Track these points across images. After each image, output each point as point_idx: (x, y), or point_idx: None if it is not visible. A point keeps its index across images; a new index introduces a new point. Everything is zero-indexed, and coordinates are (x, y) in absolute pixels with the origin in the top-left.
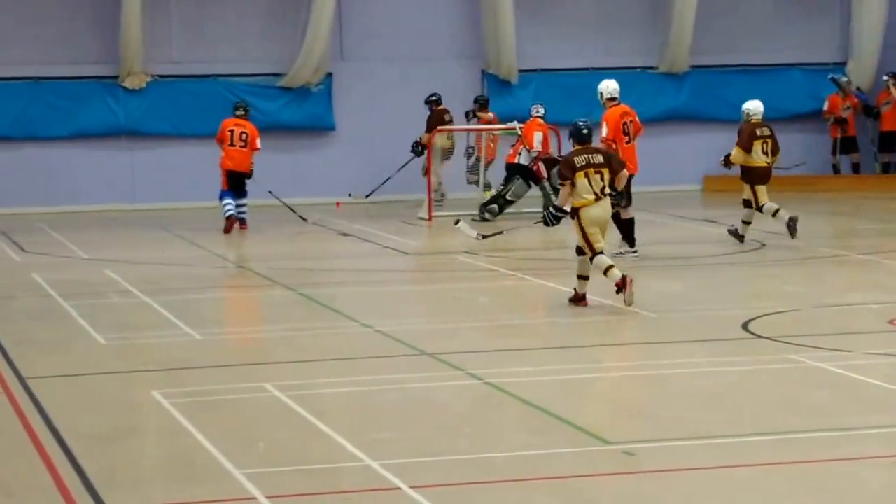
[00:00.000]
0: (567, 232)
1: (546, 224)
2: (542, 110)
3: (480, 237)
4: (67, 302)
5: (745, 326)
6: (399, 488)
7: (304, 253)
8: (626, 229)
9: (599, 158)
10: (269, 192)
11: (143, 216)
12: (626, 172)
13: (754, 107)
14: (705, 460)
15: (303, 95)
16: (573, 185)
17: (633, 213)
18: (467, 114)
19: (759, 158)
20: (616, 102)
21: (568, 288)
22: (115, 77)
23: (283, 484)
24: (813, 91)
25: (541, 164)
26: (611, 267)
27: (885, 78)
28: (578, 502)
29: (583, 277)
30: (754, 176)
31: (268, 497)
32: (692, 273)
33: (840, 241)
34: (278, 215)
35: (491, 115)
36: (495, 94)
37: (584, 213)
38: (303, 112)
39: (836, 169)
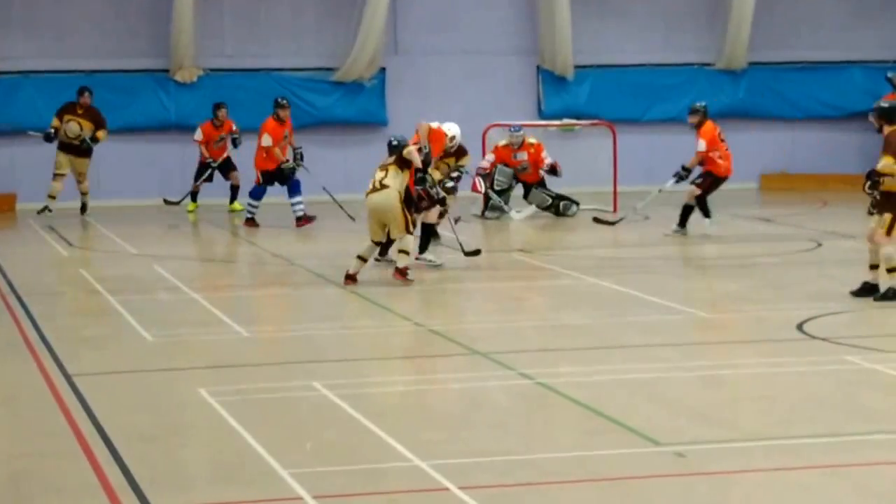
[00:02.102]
0: (622, 231)
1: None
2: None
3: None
4: (115, 298)
5: (800, 327)
6: (447, 489)
7: (356, 250)
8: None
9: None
10: (323, 188)
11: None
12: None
13: None
14: (759, 462)
15: (356, 90)
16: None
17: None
18: None
19: None
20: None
21: (624, 288)
22: (167, 71)
23: (329, 484)
24: (872, 89)
25: (478, 180)
26: None
27: None
28: None
29: None
30: None
31: (314, 497)
32: (748, 273)
33: None
34: (330, 212)
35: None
36: (550, 90)
37: None
38: (355, 107)
39: None
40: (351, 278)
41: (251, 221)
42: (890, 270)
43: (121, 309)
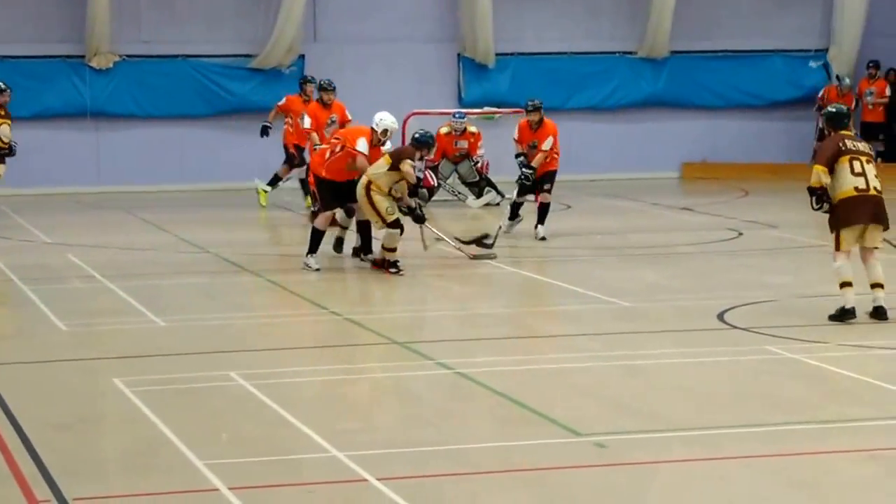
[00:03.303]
0: (548, 222)
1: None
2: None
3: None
4: (28, 287)
5: (720, 317)
6: (365, 480)
7: (274, 239)
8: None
9: None
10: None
11: (109, 199)
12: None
13: None
14: (679, 453)
15: (274, 77)
16: None
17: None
18: None
19: None
20: None
21: (544, 277)
22: (82, 56)
23: (246, 475)
24: (794, 78)
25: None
26: None
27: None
28: (548, 495)
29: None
30: None
31: (230, 489)
32: (669, 262)
33: (819, 232)
34: (244, 200)
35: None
36: (471, 78)
37: None
38: (274, 94)
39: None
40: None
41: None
42: (841, 285)
43: (34, 298)
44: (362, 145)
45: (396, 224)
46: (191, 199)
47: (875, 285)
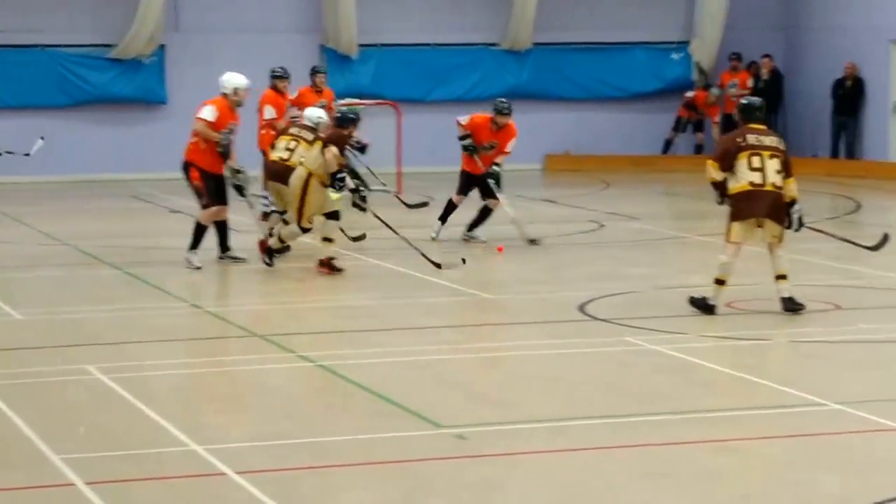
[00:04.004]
0: (406, 214)
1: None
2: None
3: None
4: None
5: (581, 308)
6: (224, 474)
7: (133, 230)
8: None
9: None
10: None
11: None
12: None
13: None
14: (539, 444)
15: (134, 67)
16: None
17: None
18: None
19: None
20: None
21: (408, 270)
22: None
23: (103, 470)
24: (655, 71)
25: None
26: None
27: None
28: (409, 487)
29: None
30: None
31: (87, 483)
32: (531, 254)
33: (680, 223)
34: (103, 191)
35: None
36: (334, 70)
37: None
38: (134, 85)
39: (667, 146)
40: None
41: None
42: (716, 280)
43: None
44: (205, 112)
45: (307, 231)
46: (50, 191)
47: (779, 277)
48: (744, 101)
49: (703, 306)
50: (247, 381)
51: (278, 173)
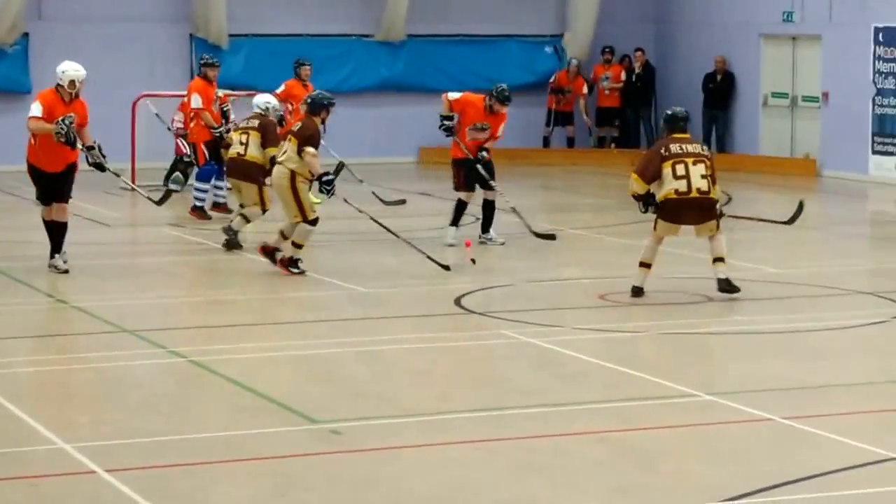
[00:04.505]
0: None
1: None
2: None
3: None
4: None
5: (457, 302)
6: (94, 472)
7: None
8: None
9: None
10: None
11: None
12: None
13: None
14: (415, 438)
15: None
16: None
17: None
18: None
19: None
20: None
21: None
22: None
23: None
24: (528, 63)
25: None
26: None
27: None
28: (282, 483)
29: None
30: None
31: None
32: (406, 248)
33: (554, 216)
34: None
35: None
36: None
37: None
38: None
39: (546, 142)
40: (266, 251)
41: (201, 211)
42: (640, 264)
43: None
44: (32, 109)
45: (315, 222)
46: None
47: (716, 260)
48: (668, 111)
49: (633, 290)
50: (116, 377)
51: (236, 169)
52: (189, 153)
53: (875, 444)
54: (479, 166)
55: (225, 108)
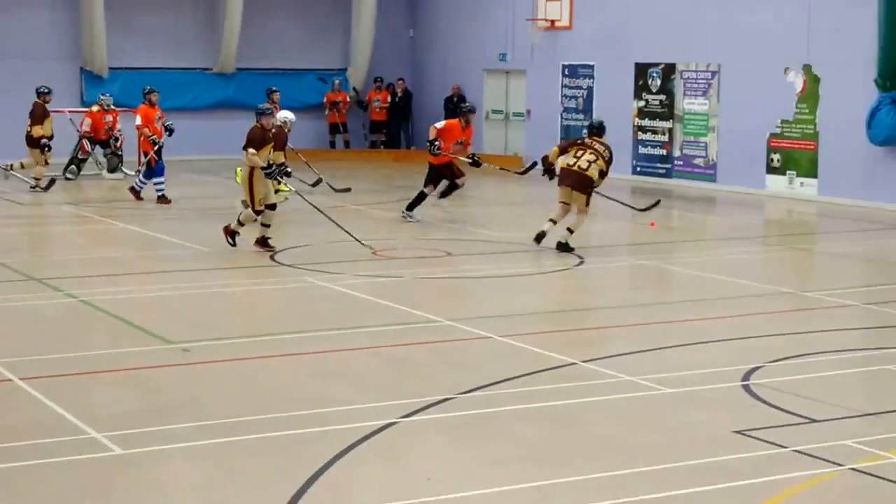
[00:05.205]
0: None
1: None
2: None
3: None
4: None
5: (272, 257)
6: (11, 380)
7: None
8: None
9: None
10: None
11: None
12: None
13: None
14: (244, 353)
15: None
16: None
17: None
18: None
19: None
20: None
21: (150, 231)
22: None
23: None
24: (321, 89)
25: (85, 142)
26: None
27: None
28: (147, 387)
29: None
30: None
31: None
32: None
33: (340, 197)
34: None
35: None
36: (90, 86)
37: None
38: None
39: (332, 144)
40: (260, 242)
41: (163, 198)
42: (550, 220)
43: None
44: None
45: (259, 212)
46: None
47: (568, 229)
48: (591, 120)
49: (564, 248)
50: (25, 313)
51: None
52: (90, 151)
53: (562, 353)
54: (471, 163)
55: (168, 124)
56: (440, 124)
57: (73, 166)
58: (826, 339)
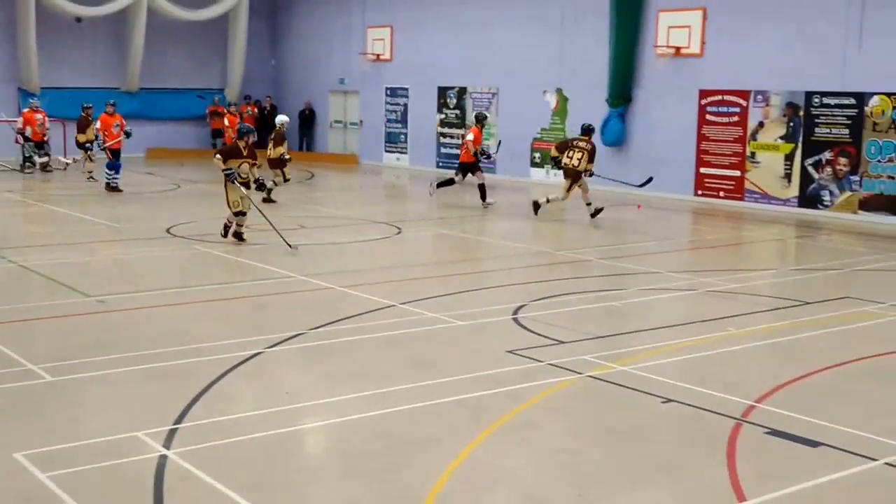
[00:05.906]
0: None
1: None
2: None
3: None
4: None
5: (168, 230)
6: None
7: None
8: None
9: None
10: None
11: None
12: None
13: None
14: (156, 301)
15: None
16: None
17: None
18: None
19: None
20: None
21: (71, 211)
22: None
23: None
24: (201, 104)
25: (19, 136)
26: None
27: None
28: (68, 331)
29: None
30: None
31: None
32: (142, 201)
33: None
34: None
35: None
36: (25, 102)
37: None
38: None
39: (214, 146)
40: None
41: (116, 188)
42: (548, 201)
43: None
44: None
45: (241, 214)
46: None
47: (547, 199)
48: (585, 124)
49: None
50: None
51: (268, 162)
52: (23, 144)
53: (386, 298)
54: (481, 157)
55: (127, 130)
56: (470, 136)
57: (28, 164)
58: (571, 284)
